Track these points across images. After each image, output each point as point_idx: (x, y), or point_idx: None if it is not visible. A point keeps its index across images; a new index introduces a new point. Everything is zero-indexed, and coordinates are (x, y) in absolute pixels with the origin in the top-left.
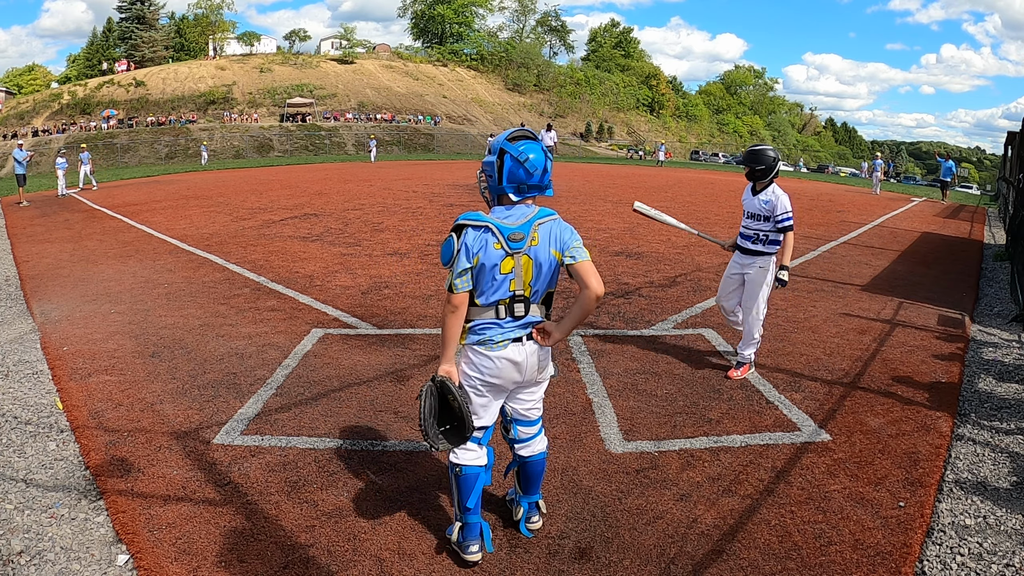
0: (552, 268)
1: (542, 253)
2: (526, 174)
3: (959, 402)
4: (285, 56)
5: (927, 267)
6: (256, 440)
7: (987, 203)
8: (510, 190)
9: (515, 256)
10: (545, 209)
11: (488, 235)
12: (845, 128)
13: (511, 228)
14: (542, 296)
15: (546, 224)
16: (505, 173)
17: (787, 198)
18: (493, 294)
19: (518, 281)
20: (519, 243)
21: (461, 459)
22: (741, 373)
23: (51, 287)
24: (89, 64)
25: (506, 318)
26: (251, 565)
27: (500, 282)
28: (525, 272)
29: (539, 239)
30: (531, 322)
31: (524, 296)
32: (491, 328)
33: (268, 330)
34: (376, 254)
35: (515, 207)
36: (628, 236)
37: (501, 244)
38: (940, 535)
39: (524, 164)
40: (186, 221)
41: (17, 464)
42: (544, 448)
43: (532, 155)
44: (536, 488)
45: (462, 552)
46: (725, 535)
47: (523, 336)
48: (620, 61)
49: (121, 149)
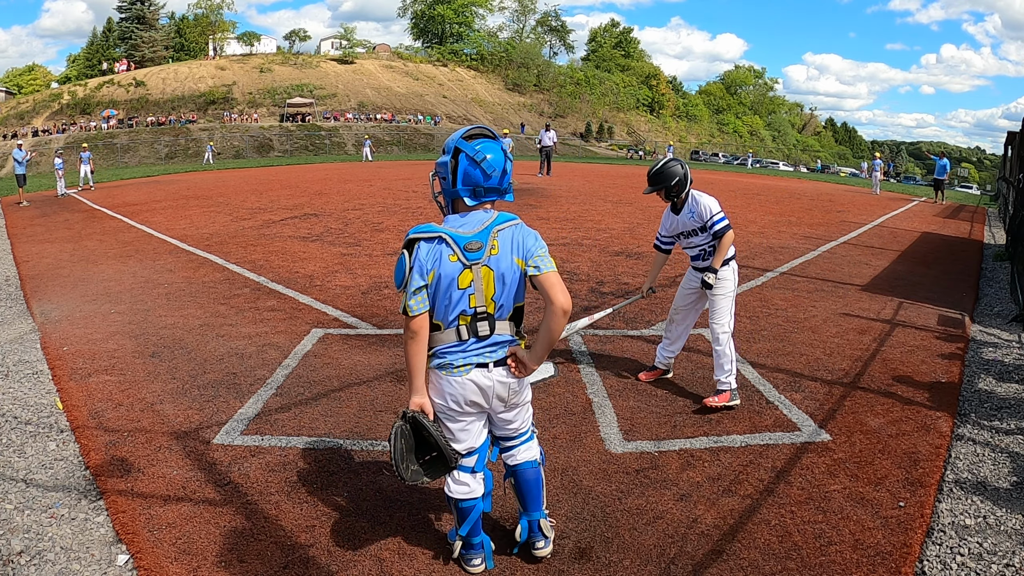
0: (516, 279)
1: (503, 262)
2: (483, 175)
3: (959, 402)
4: (285, 56)
5: (927, 267)
6: (256, 440)
7: (987, 203)
8: (465, 194)
9: (473, 268)
10: (505, 214)
11: (442, 247)
12: (845, 128)
13: (467, 237)
14: (509, 311)
15: (506, 230)
16: (460, 174)
17: (712, 199)
18: (452, 311)
19: (479, 296)
20: (477, 253)
21: (454, 493)
22: (719, 401)
23: (51, 287)
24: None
25: (469, 339)
26: (251, 565)
27: (459, 298)
28: (486, 285)
29: (499, 247)
30: (499, 342)
31: (487, 312)
32: (452, 351)
33: (268, 330)
34: (376, 254)
35: (471, 213)
36: (628, 236)
37: (457, 256)
38: (940, 535)
39: (480, 164)
40: (186, 221)
41: (17, 464)
42: (534, 456)
43: (490, 155)
44: (534, 504)
45: (464, 563)
46: (725, 535)
47: (489, 362)
48: (620, 61)
49: (121, 149)
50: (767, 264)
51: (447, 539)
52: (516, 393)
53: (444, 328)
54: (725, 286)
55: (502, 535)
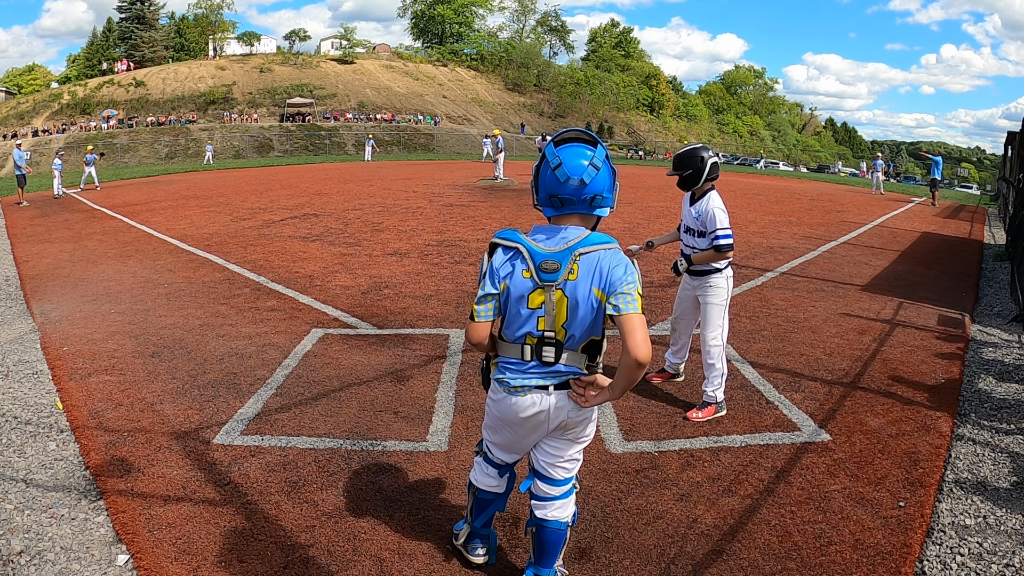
0: (593, 311)
1: (581, 290)
2: (556, 183)
3: (959, 402)
4: (285, 56)
5: (927, 267)
6: (256, 440)
7: (987, 203)
8: (542, 200)
9: (546, 290)
10: (599, 235)
11: (518, 259)
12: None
13: (545, 255)
14: (581, 342)
15: (592, 254)
16: (540, 181)
17: (724, 213)
18: (519, 329)
19: (548, 319)
20: (553, 275)
21: (478, 481)
22: (703, 415)
23: (51, 287)
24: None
25: (531, 360)
26: (251, 565)
27: (527, 317)
28: (558, 311)
29: (579, 272)
30: (563, 371)
31: (555, 339)
32: (512, 368)
33: (268, 330)
34: (376, 254)
35: (559, 227)
36: (628, 236)
37: (531, 272)
38: (940, 535)
39: (555, 170)
40: (186, 221)
41: (17, 464)
42: (566, 517)
43: (565, 160)
44: (548, 560)
45: (467, 553)
46: (725, 535)
47: (551, 384)
48: (620, 61)
49: (121, 149)
50: (767, 264)
51: (453, 530)
52: (575, 424)
53: (509, 342)
54: (718, 294)
55: (504, 537)
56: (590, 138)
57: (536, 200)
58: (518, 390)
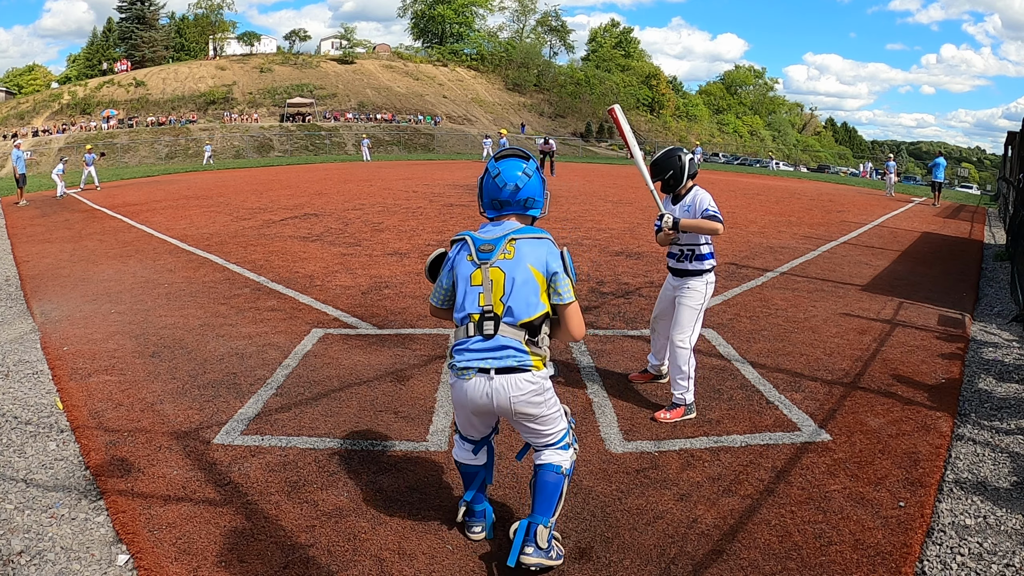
0: (529, 285)
1: (516, 267)
2: (496, 188)
3: (959, 402)
4: (285, 56)
5: (927, 267)
6: (256, 440)
7: (987, 203)
8: (485, 205)
9: (483, 268)
10: (533, 228)
11: (464, 247)
12: (845, 128)
13: (483, 240)
14: (520, 318)
15: (527, 240)
16: (482, 189)
17: (708, 195)
18: (462, 309)
19: (487, 295)
20: (488, 254)
21: (458, 456)
22: (671, 416)
23: (51, 287)
24: (89, 64)
25: (475, 336)
26: (251, 565)
27: (470, 297)
28: (495, 286)
29: (515, 253)
30: (504, 346)
31: (494, 313)
32: (459, 350)
33: (268, 330)
34: (376, 254)
35: (497, 223)
36: (628, 236)
37: (472, 256)
38: (940, 535)
39: (495, 179)
40: (186, 221)
41: (17, 464)
42: (560, 462)
43: (503, 170)
44: (542, 507)
45: (465, 530)
46: (725, 535)
47: (491, 368)
48: (620, 61)
49: (121, 149)
50: (767, 264)
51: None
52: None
53: (457, 326)
54: (693, 297)
55: (503, 537)
56: (524, 154)
57: (480, 206)
58: (463, 372)
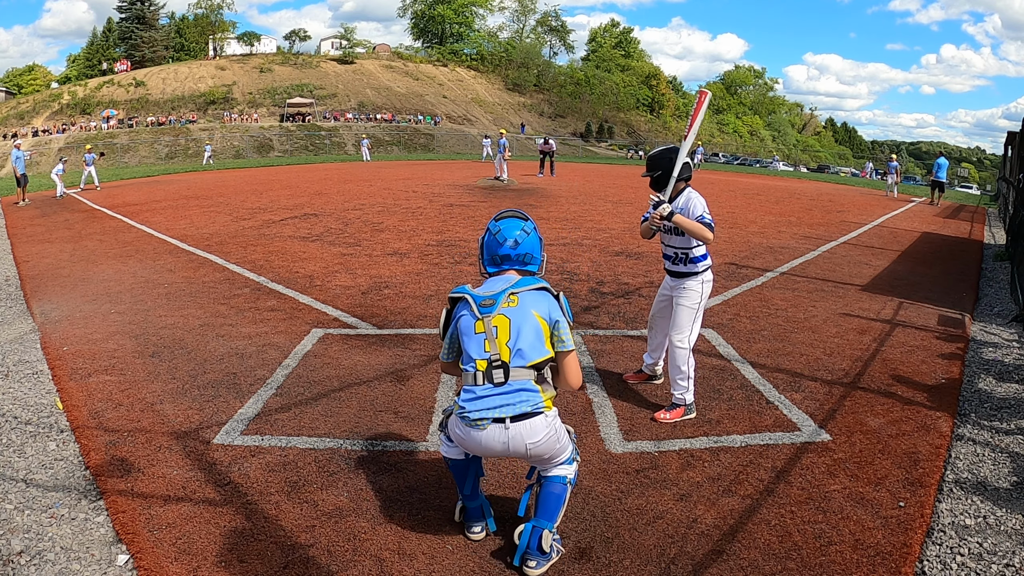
0: (535, 331)
1: (521, 314)
2: (496, 244)
3: (959, 402)
4: (285, 56)
5: (927, 267)
6: (256, 440)
7: (987, 203)
8: (486, 262)
9: (484, 320)
10: (531, 279)
11: (465, 306)
12: (845, 128)
13: (483, 296)
14: (527, 360)
15: (528, 292)
16: (483, 246)
17: (702, 200)
18: (468, 358)
19: (492, 343)
20: (490, 308)
21: (447, 453)
22: (671, 417)
23: (51, 287)
24: (89, 64)
25: (483, 384)
26: (251, 565)
27: (474, 343)
28: (500, 332)
29: (519, 302)
30: (516, 389)
31: (502, 360)
32: (469, 399)
33: (268, 330)
34: (376, 254)
35: (495, 278)
36: (628, 236)
37: (474, 310)
38: (940, 535)
39: (495, 235)
40: (186, 221)
41: (17, 464)
42: (562, 473)
43: (503, 228)
44: (546, 513)
45: (466, 531)
46: (725, 535)
47: (506, 417)
48: (620, 61)
49: (121, 149)
50: (767, 264)
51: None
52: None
53: (464, 370)
54: (691, 297)
55: (504, 536)
56: (522, 215)
57: (481, 264)
58: (478, 424)
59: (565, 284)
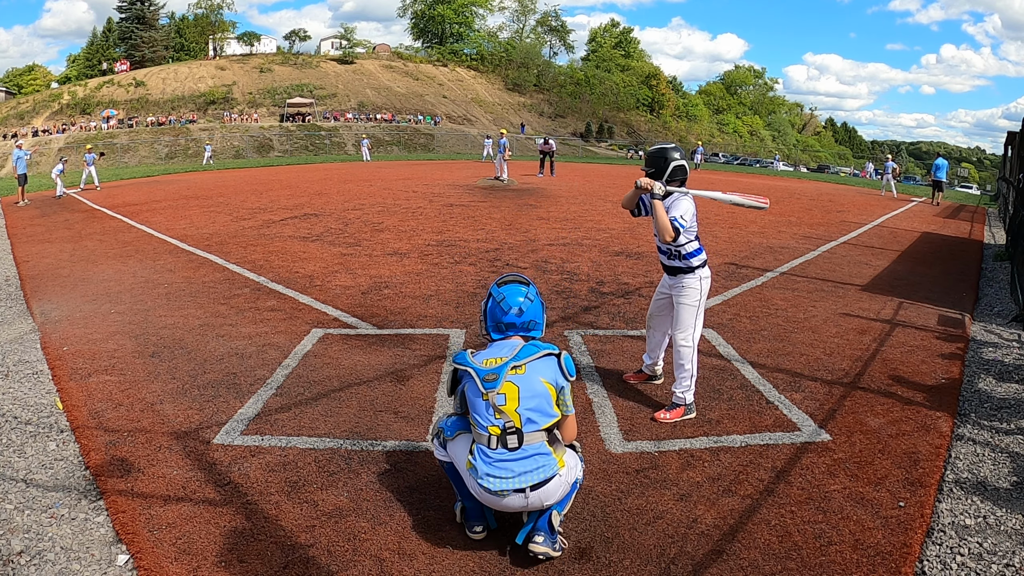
0: (544, 397)
1: (528, 380)
2: (501, 312)
3: (959, 402)
4: (285, 56)
5: (927, 267)
6: (256, 440)
7: (987, 203)
8: (490, 328)
9: (490, 394)
10: (537, 345)
11: (468, 378)
12: (845, 128)
13: (486, 371)
14: (539, 425)
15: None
16: (487, 313)
17: (689, 203)
18: (481, 422)
19: (501, 413)
20: (493, 383)
21: (440, 456)
22: (671, 416)
23: (51, 287)
24: (89, 64)
25: (498, 448)
26: (251, 565)
27: (484, 409)
28: (509, 399)
29: (526, 370)
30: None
31: (515, 427)
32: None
33: (268, 330)
34: (376, 254)
35: (499, 343)
36: (628, 236)
37: (478, 385)
38: (940, 535)
39: (500, 303)
40: (186, 221)
41: (17, 464)
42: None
43: (507, 295)
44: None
45: (467, 530)
46: (725, 535)
47: (526, 487)
48: (620, 61)
49: (121, 149)
50: (767, 264)
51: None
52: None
53: (477, 430)
54: (691, 295)
55: (504, 537)
56: (524, 280)
57: (485, 330)
58: (499, 494)
59: (565, 284)
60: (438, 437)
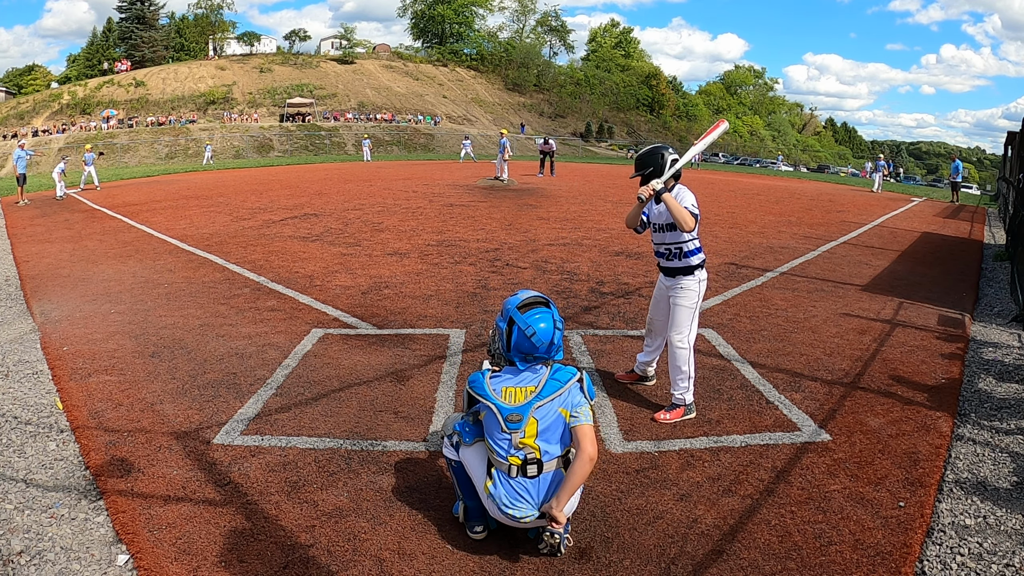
0: (561, 424)
1: (548, 412)
2: (531, 347)
3: (959, 402)
4: (285, 56)
5: (927, 267)
6: (256, 440)
7: (987, 203)
8: (516, 359)
9: (513, 435)
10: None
11: (491, 415)
12: (845, 128)
13: (510, 409)
14: (556, 455)
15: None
16: (512, 343)
17: (691, 195)
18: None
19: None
20: (517, 424)
21: (448, 453)
22: (671, 417)
23: (51, 287)
24: (89, 64)
25: (517, 476)
26: (251, 565)
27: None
28: (528, 431)
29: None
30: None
31: (535, 457)
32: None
33: (268, 330)
34: (376, 254)
35: (522, 373)
36: (628, 236)
37: (500, 424)
38: (940, 535)
39: (531, 338)
40: (186, 221)
41: (17, 464)
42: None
43: (541, 326)
44: None
45: (468, 530)
46: (725, 535)
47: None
48: (620, 61)
49: (121, 149)
50: (767, 264)
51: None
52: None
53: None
54: (688, 296)
55: (503, 537)
56: (544, 300)
57: (504, 354)
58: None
59: (565, 284)
60: (451, 437)
